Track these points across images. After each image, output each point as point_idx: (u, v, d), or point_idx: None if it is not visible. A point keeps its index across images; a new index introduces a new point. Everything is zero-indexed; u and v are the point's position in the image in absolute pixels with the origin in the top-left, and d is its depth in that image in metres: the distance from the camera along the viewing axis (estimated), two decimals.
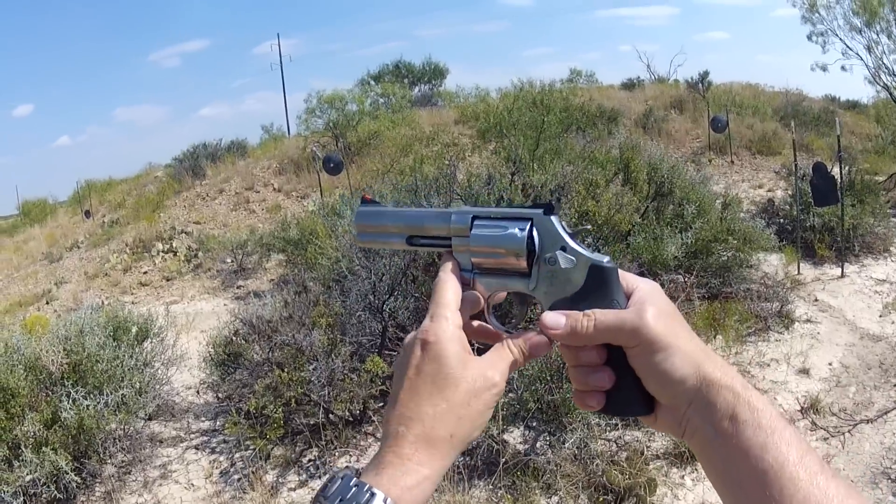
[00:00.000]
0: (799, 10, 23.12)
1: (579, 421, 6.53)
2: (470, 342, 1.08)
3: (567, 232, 1.09)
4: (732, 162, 22.85)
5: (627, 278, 1.07)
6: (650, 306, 1.01)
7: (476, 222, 1.13)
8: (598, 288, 1.05)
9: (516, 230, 1.09)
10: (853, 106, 32.42)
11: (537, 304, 1.13)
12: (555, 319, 1.04)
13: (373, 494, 0.92)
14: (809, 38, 22.99)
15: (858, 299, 11.18)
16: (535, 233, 1.09)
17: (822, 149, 21.55)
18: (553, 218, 1.10)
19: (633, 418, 7.00)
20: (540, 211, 1.10)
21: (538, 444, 6.92)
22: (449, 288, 1.08)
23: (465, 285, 1.13)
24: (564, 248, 1.07)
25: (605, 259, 1.06)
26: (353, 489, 0.93)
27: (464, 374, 1.01)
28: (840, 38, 22.19)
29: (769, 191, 18.70)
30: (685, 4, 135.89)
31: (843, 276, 12.18)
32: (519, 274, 1.10)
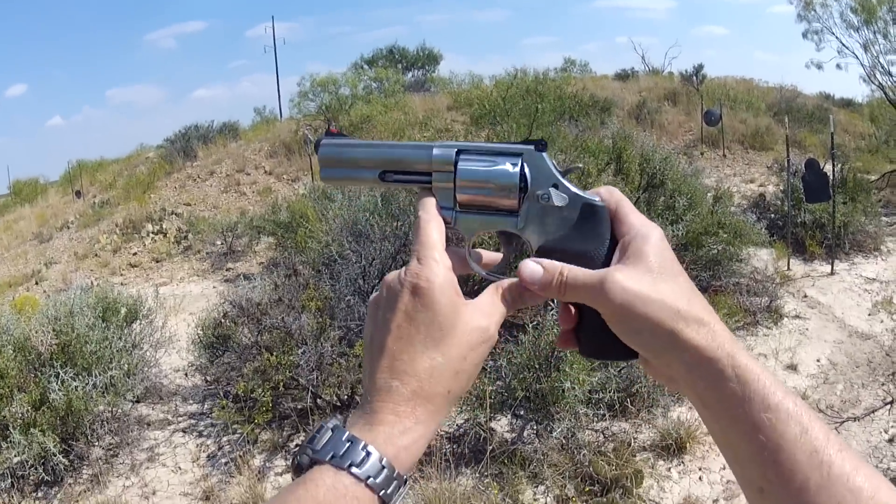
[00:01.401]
0: (795, 8, 23.08)
1: (567, 411, 6.55)
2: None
3: (558, 170, 1.05)
4: (724, 156, 22.91)
5: (629, 219, 1.00)
6: (621, 271, 0.95)
7: (462, 156, 1.06)
8: (589, 227, 1.01)
9: (507, 165, 1.04)
10: (847, 104, 32.54)
11: (524, 244, 1.08)
12: (531, 271, 1.00)
13: (368, 454, 0.86)
14: (805, 35, 22.97)
15: (848, 297, 11.22)
16: (526, 169, 1.04)
17: (814, 146, 21.64)
18: (545, 155, 1.05)
19: (618, 407, 7.05)
20: (531, 147, 1.05)
21: (525, 433, 6.94)
22: (434, 227, 1.01)
23: (446, 223, 1.07)
24: (557, 186, 1.03)
25: (597, 199, 1.02)
26: (347, 445, 0.87)
27: (460, 325, 0.94)
28: (836, 37, 22.19)
29: (761, 186, 18.75)
30: None
31: (832, 273, 12.22)
32: (507, 212, 1.05)
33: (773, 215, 14.17)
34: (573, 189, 1.03)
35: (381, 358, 0.92)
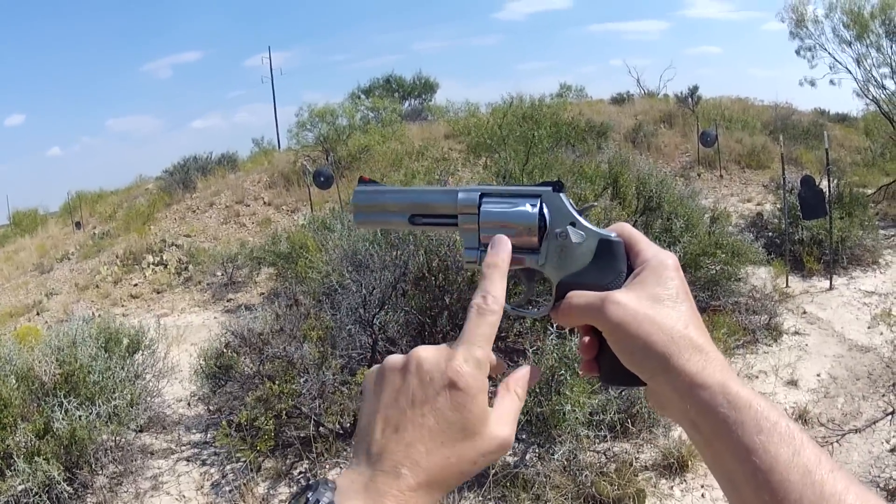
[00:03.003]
0: (787, 26, 23.23)
1: (568, 433, 6.57)
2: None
3: (575, 209, 1.10)
4: (721, 176, 22.99)
5: (642, 250, 1.05)
6: (623, 292, 1.00)
7: (485, 199, 1.12)
8: (606, 262, 1.06)
9: (527, 206, 1.09)
10: (842, 119, 32.58)
11: (545, 280, 1.13)
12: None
13: None
14: (798, 52, 23.08)
15: (847, 311, 11.24)
16: (545, 209, 1.10)
17: (811, 162, 21.70)
18: (562, 195, 1.10)
19: (619, 428, 7.08)
20: (549, 188, 1.11)
21: (528, 456, 6.95)
22: (492, 322, 0.98)
23: (471, 263, 1.12)
24: (574, 224, 1.08)
25: (613, 234, 1.07)
26: None
27: (483, 434, 0.92)
28: (829, 53, 22.28)
29: (758, 204, 18.80)
30: (677, 19, 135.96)
31: (831, 288, 12.26)
32: (528, 250, 1.10)
33: (770, 233, 14.21)
34: (589, 226, 1.08)
35: (396, 440, 0.90)
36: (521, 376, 1.02)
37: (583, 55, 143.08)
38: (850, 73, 22.26)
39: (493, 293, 0.99)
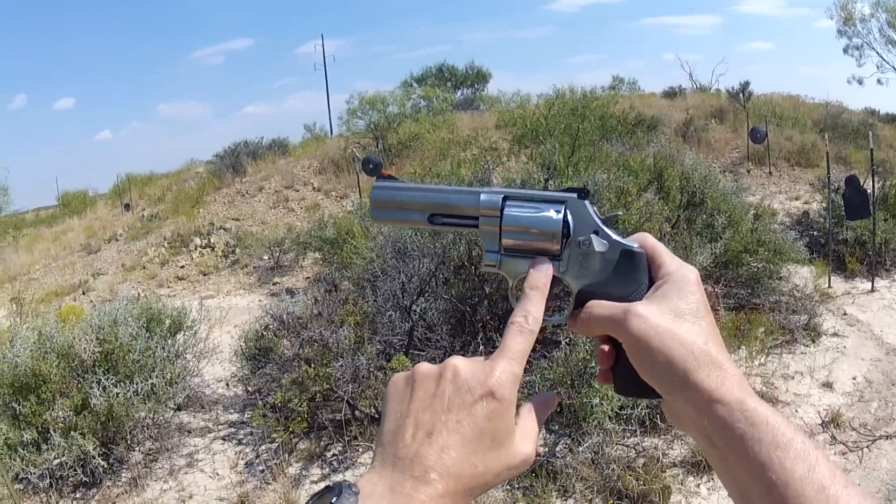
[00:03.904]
0: (835, 24, 23.02)
1: (597, 426, 6.60)
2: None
3: (599, 217, 1.09)
4: (770, 173, 22.73)
5: (665, 263, 1.05)
6: (645, 305, 1.00)
7: (508, 202, 1.10)
8: (627, 272, 1.06)
9: (552, 212, 1.08)
10: (893, 119, 32.08)
11: (565, 287, 1.12)
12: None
13: None
14: (845, 51, 22.89)
15: (887, 314, 11.09)
16: (569, 216, 1.08)
17: (859, 162, 21.36)
18: (586, 202, 1.09)
19: (649, 423, 7.09)
20: (574, 195, 1.10)
21: (557, 448, 6.98)
22: (530, 341, 0.99)
23: (492, 266, 1.11)
24: (597, 232, 1.07)
25: (636, 245, 1.07)
26: None
27: (511, 446, 0.93)
28: (876, 52, 22.08)
29: (805, 203, 18.56)
30: (729, 14, 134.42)
31: (873, 290, 12.11)
32: (550, 256, 1.08)
33: (815, 232, 14.06)
34: (613, 235, 1.08)
35: (428, 444, 0.89)
36: (542, 402, 1.03)
37: (635, 49, 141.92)
38: None
39: (534, 314, 1.01)
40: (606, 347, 1.06)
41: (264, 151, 28.44)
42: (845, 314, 11.08)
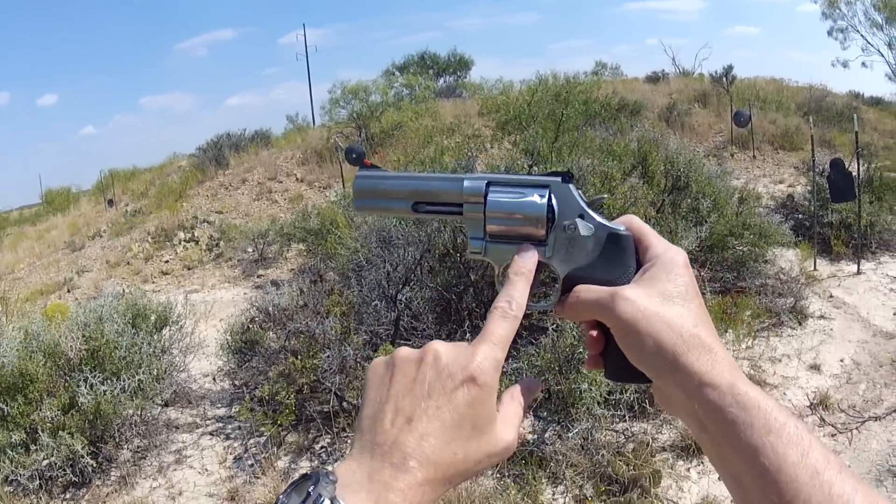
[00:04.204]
0: (819, 7, 23.09)
1: (585, 411, 6.60)
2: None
3: (584, 201, 1.08)
4: (754, 157, 22.81)
5: (652, 245, 1.04)
6: (633, 289, 0.99)
7: (492, 188, 1.09)
8: (614, 255, 1.05)
9: (536, 196, 1.07)
10: (877, 102, 32.21)
11: (551, 273, 1.11)
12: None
13: None
14: (830, 33, 22.98)
15: (873, 296, 11.12)
16: (553, 200, 1.08)
17: (844, 145, 21.43)
18: (571, 186, 1.08)
19: (637, 408, 7.09)
20: (558, 179, 1.09)
21: (546, 434, 6.98)
22: (513, 327, 0.98)
23: (475, 254, 1.11)
24: (583, 216, 1.06)
25: (622, 227, 1.06)
26: None
27: (491, 434, 0.92)
28: (861, 35, 22.17)
29: (790, 186, 18.61)
30: None
31: (859, 272, 12.13)
32: (535, 242, 1.08)
33: (800, 216, 14.08)
34: (598, 219, 1.07)
35: (408, 431, 0.88)
36: (524, 389, 1.02)
37: (619, 34, 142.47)
38: (882, 56, 22.11)
39: (518, 300, 1.00)
40: (595, 333, 1.05)
41: (247, 143, 28.39)
42: (831, 297, 11.10)
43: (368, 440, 0.89)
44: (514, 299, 1.00)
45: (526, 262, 1.04)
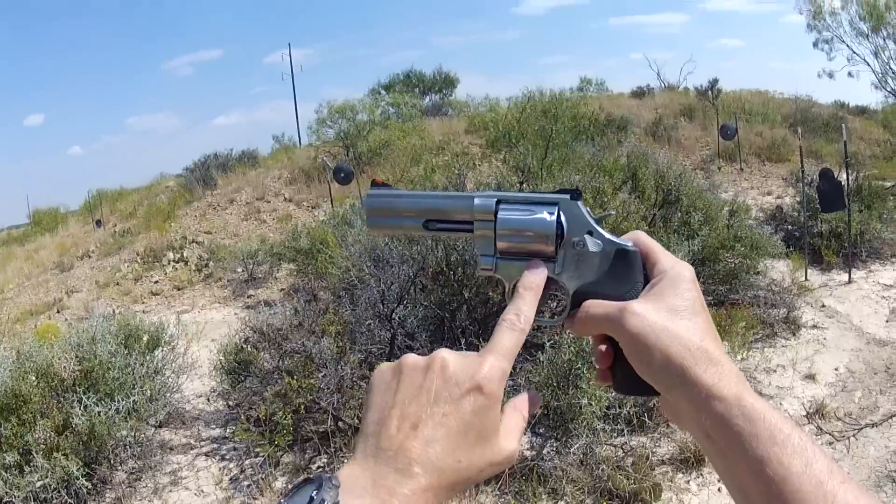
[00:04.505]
0: (805, 18, 23.25)
1: (585, 426, 6.59)
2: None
3: (592, 217, 1.09)
4: (742, 169, 22.93)
5: (660, 261, 1.05)
6: (641, 303, 1.00)
7: (502, 206, 1.10)
8: (622, 271, 1.06)
9: (545, 214, 1.08)
10: (862, 112, 32.38)
11: (561, 289, 1.11)
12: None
13: None
14: (815, 45, 23.12)
15: (865, 305, 11.18)
16: (562, 217, 1.09)
17: (830, 155, 21.55)
18: (579, 203, 1.09)
19: (636, 422, 7.09)
20: (566, 196, 1.10)
21: (545, 450, 6.97)
22: (520, 340, 0.99)
23: (488, 270, 1.12)
24: (591, 233, 1.08)
25: (630, 244, 1.07)
26: None
27: (494, 442, 0.93)
28: (846, 45, 22.31)
29: (778, 198, 18.69)
30: (697, 11, 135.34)
31: (850, 281, 12.19)
32: (544, 258, 1.08)
33: (790, 226, 14.13)
34: (607, 235, 1.08)
35: (413, 436, 0.88)
36: (525, 400, 1.02)
37: (603, 49, 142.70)
38: (868, 65, 22.26)
39: (526, 313, 1.01)
40: (604, 347, 1.07)
41: (234, 163, 28.40)
42: (824, 306, 11.15)
43: (373, 445, 0.89)
44: (522, 312, 1.01)
45: (535, 278, 1.06)
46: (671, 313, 0.98)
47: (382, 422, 0.91)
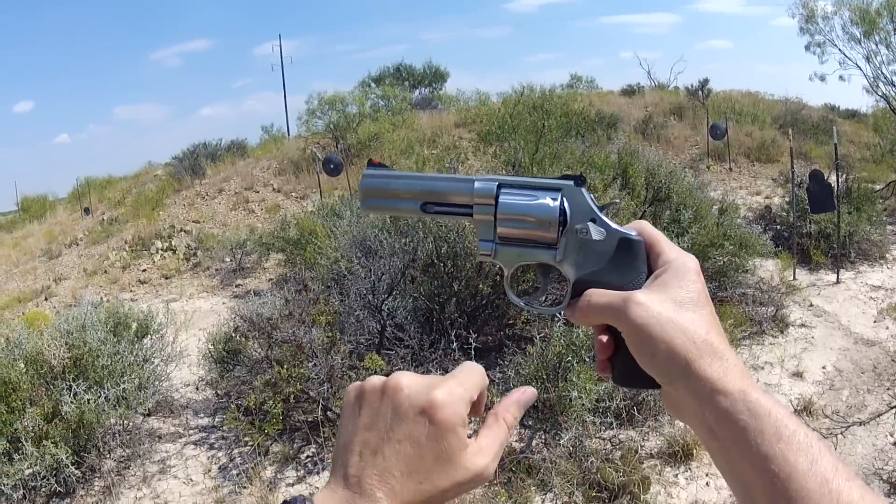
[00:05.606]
0: (797, 22, 23.26)
1: (574, 419, 6.60)
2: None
3: (596, 205, 1.07)
4: (731, 169, 22.97)
5: (664, 252, 1.04)
6: (645, 294, 0.98)
7: (503, 190, 1.08)
8: (626, 261, 1.04)
9: (548, 199, 1.06)
10: (852, 115, 32.54)
11: (561, 276, 1.10)
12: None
13: None
14: (807, 48, 23.14)
15: (853, 305, 11.24)
16: (565, 203, 1.06)
17: (820, 157, 21.64)
18: (583, 190, 1.08)
19: (625, 415, 7.11)
20: (570, 182, 1.08)
21: (534, 442, 6.98)
22: (483, 381, 0.99)
23: (487, 256, 1.10)
24: (595, 220, 1.06)
25: (633, 233, 1.05)
26: None
27: (458, 464, 0.91)
28: (839, 49, 22.33)
29: (767, 198, 18.76)
30: (687, 12, 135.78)
31: (838, 282, 12.26)
32: (546, 245, 1.07)
33: (778, 226, 14.17)
34: (610, 224, 1.06)
35: (373, 464, 0.90)
36: (512, 401, 1.02)
37: (593, 47, 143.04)
38: (860, 69, 22.31)
39: (514, 413, 1.00)
40: (605, 337, 1.04)
41: (223, 153, 28.39)
42: (811, 305, 11.20)
43: (341, 471, 0.91)
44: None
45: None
46: (676, 305, 0.97)
47: (347, 447, 0.92)
